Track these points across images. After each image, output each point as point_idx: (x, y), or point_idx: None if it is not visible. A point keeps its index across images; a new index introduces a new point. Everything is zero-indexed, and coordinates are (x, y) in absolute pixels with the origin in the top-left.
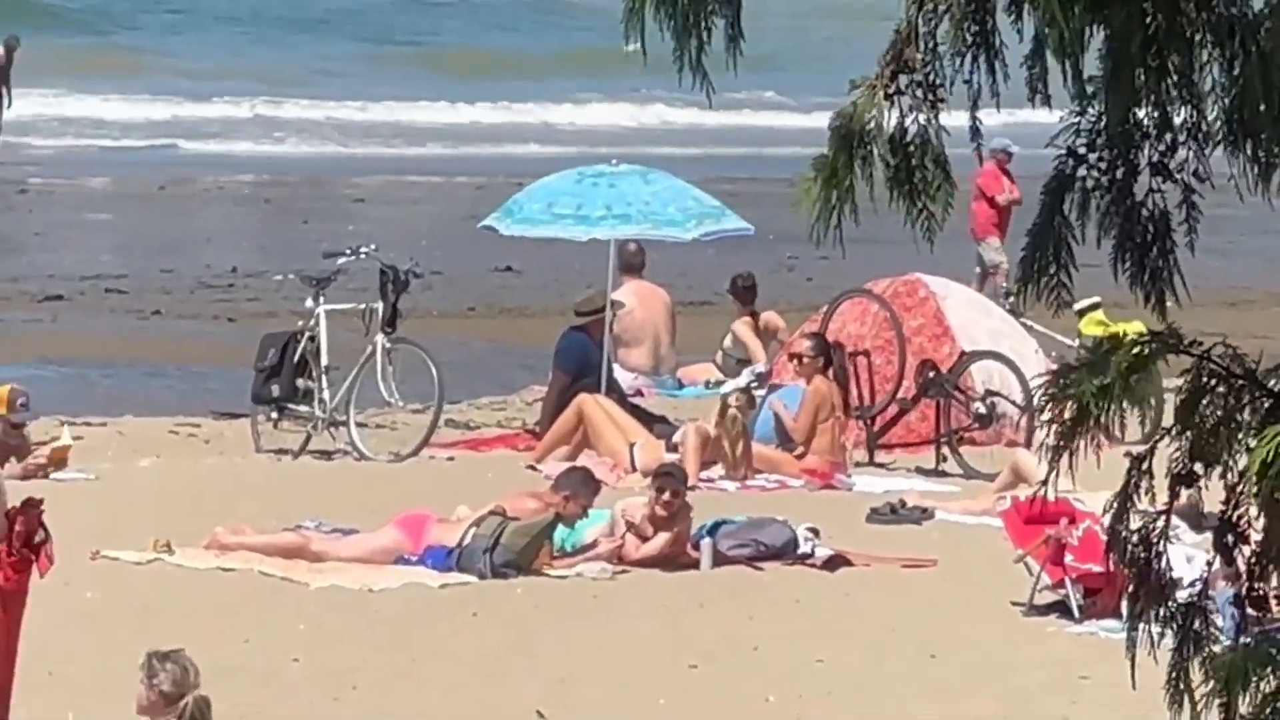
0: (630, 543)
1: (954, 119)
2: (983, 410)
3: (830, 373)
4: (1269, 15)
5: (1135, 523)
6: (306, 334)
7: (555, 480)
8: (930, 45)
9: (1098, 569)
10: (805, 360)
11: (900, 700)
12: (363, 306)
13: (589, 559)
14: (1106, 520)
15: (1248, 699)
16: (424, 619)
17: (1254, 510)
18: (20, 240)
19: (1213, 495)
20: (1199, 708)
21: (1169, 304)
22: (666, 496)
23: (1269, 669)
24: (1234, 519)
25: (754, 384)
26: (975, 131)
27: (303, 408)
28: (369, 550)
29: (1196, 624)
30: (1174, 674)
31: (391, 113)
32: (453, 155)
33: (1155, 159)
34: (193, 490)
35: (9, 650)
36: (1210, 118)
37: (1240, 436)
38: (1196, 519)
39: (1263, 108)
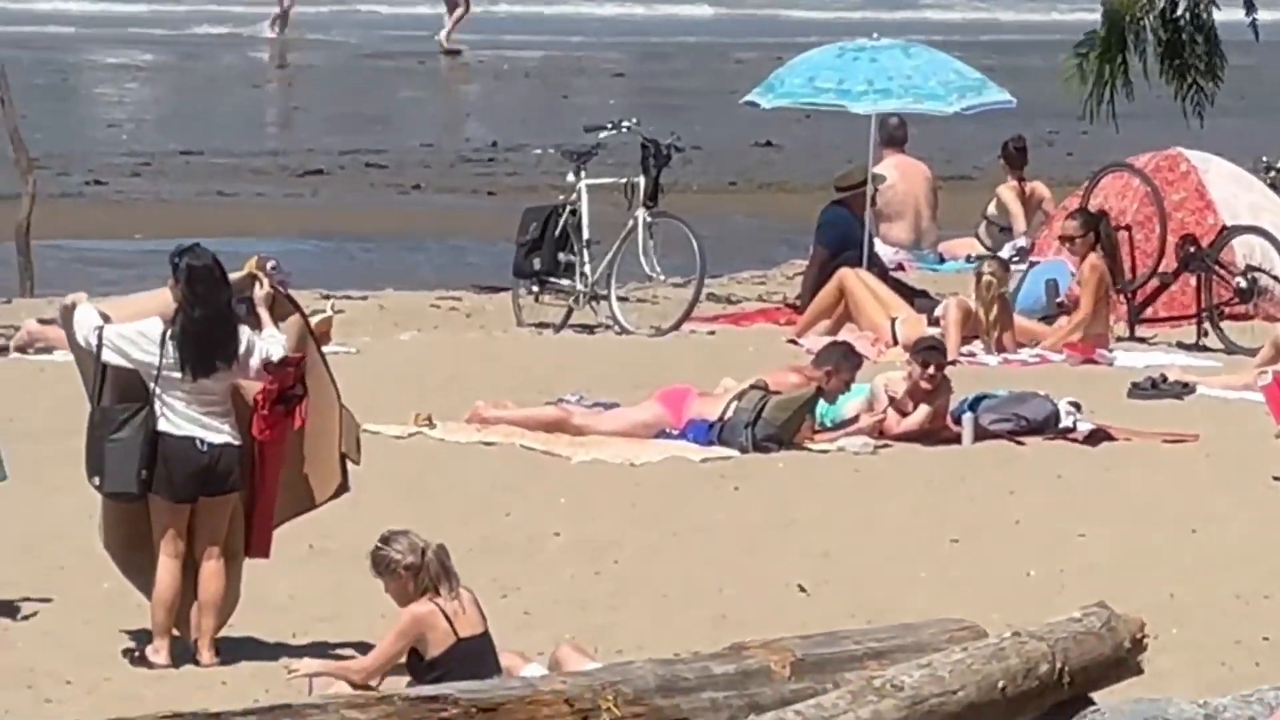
0: (891, 417)
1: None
2: (1244, 285)
3: (1099, 247)
4: None
5: None
6: (568, 208)
7: (817, 355)
8: None
9: None
10: (1077, 240)
11: (1160, 575)
12: (624, 181)
13: (850, 433)
14: None
15: None
16: (685, 493)
17: None
18: (280, 115)
19: None
20: None
21: None
22: (929, 371)
23: None
24: None
25: (1014, 259)
26: (1250, 6)
27: (564, 282)
28: (630, 424)
29: None
30: None
31: None
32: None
33: None
34: (454, 364)
35: (270, 492)
36: None
37: None
38: None
39: None
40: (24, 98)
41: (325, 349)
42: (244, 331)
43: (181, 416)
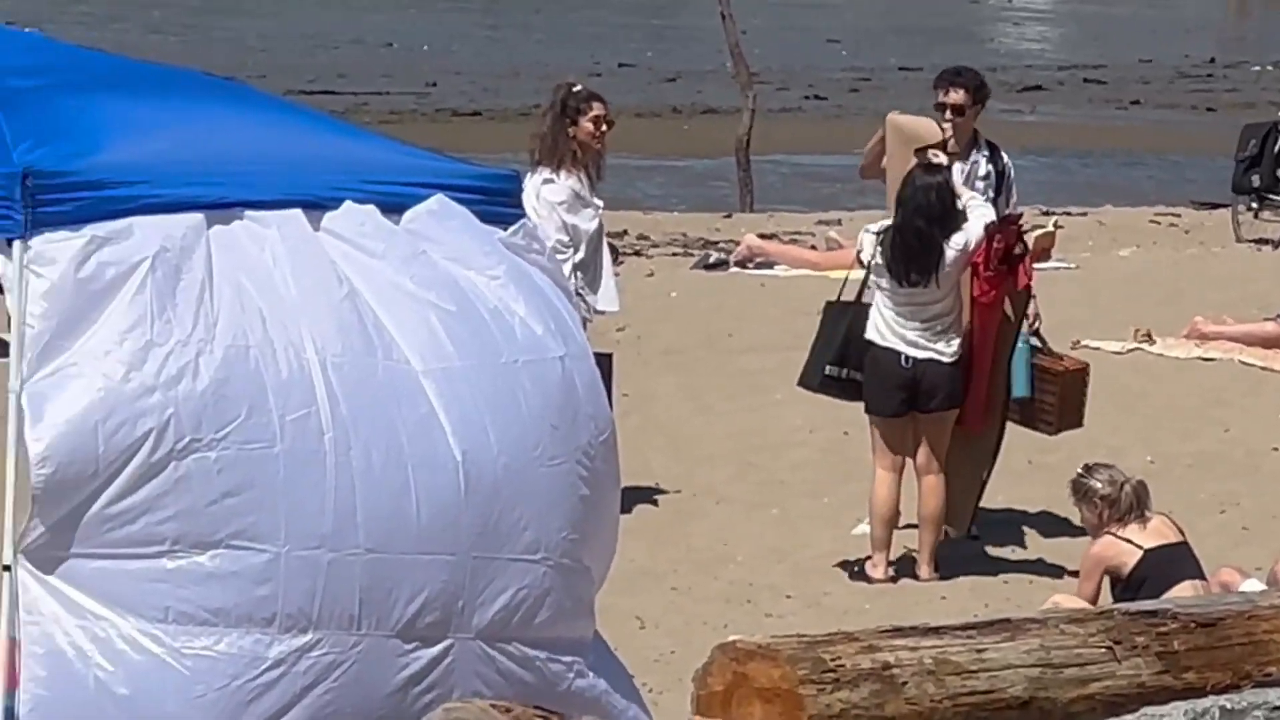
0: None
1: None
2: None
3: None
4: None
5: None
6: None
7: None
8: None
9: None
10: None
11: None
12: None
13: None
14: None
15: None
16: None
17: None
18: (996, 32)
19: None
20: None
21: None
22: None
23: None
24: None
25: None
26: None
27: None
28: None
29: None
30: None
31: None
32: None
33: None
34: (1172, 279)
35: (983, 360)
36: None
37: None
38: None
39: None
40: (745, 13)
41: (1044, 265)
42: (951, 243)
43: (888, 327)
